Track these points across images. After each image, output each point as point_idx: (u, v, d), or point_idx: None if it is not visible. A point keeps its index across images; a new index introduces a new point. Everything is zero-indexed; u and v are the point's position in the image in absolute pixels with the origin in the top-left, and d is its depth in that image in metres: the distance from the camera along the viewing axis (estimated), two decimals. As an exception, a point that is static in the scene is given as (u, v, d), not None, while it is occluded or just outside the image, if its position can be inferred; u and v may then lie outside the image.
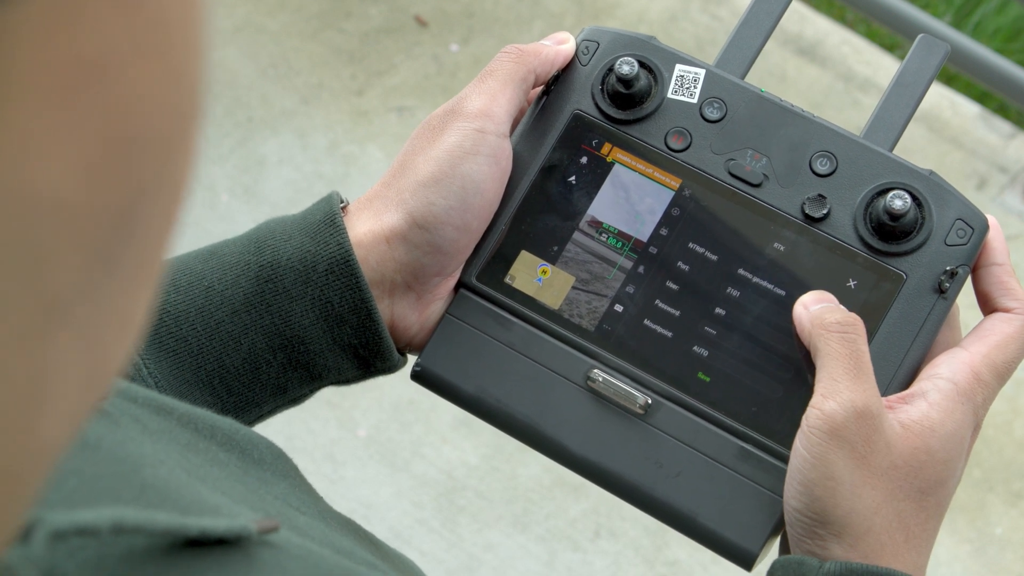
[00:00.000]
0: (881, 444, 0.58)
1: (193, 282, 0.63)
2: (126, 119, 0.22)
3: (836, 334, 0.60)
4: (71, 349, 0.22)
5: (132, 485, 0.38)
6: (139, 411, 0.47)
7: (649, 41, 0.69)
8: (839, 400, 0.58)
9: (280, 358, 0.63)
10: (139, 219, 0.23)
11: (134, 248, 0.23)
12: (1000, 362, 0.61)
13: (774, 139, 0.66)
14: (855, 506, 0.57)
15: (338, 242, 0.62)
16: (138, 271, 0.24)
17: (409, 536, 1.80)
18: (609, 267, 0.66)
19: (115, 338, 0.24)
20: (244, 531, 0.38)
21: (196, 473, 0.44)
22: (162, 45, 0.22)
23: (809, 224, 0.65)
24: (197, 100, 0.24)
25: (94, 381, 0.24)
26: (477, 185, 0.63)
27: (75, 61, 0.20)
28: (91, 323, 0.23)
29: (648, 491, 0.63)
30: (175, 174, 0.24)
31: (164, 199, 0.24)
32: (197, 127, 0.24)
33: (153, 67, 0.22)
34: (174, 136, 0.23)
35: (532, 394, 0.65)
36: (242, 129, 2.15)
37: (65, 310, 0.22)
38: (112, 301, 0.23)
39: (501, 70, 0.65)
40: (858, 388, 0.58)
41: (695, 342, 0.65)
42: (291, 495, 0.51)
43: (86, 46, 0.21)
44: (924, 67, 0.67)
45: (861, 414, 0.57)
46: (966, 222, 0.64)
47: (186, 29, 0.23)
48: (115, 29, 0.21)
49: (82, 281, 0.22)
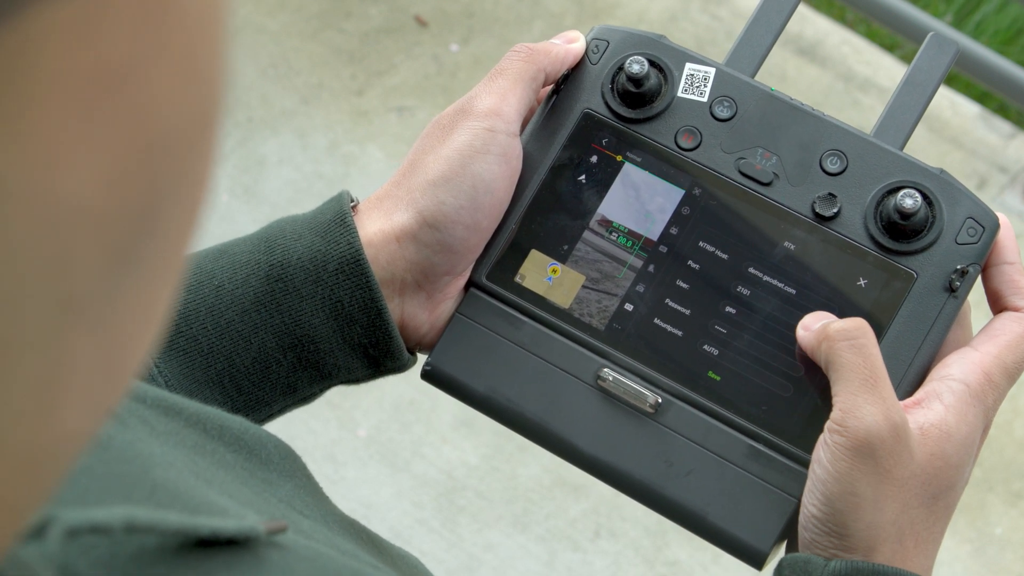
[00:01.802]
0: (905, 455, 0.57)
1: (203, 281, 0.63)
2: (149, 124, 0.22)
3: (845, 343, 0.59)
4: (89, 346, 0.22)
5: (143, 485, 0.38)
6: (147, 412, 0.47)
7: (659, 40, 0.68)
8: (861, 417, 0.57)
9: (290, 357, 0.63)
10: (160, 220, 0.23)
11: (155, 248, 0.23)
12: (1011, 362, 0.60)
13: (784, 138, 0.66)
14: (875, 519, 0.57)
15: (348, 241, 0.62)
16: (159, 270, 0.24)
17: (409, 536, 1.80)
18: (619, 266, 0.66)
19: (135, 335, 0.24)
20: (253, 532, 0.38)
21: (203, 476, 0.44)
22: (184, 49, 0.22)
23: (819, 223, 0.65)
24: (218, 102, 0.24)
25: (114, 377, 0.24)
26: (487, 184, 0.63)
27: (99, 68, 0.20)
28: (110, 321, 0.23)
29: (658, 490, 0.63)
30: (196, 174, 0.24)
31: (185, 199, 0.24)
32: (218, 128, 0.24)
33: (176, 72, 0.22)
34: (196, 138, 0.23)
35: (542, 393, 0.65)
36: (242, 129, 2.15)
37: (84, 308, 0.22)
38: (132, 300, 0.23)
39: (511, 69, 0.65)
40: (878, 401, 0.57)
41: (705, 341, 0.64)
42: (295, 497, 0.51)
43: (110, 53, 0.21)
44: (934, 66, 0.67)
45: (884, 429, 0.56)
46: (977, 221, 0.64)
47: (208, 33, 0.23)
48: (138, 35, 0.21)
49: (102, 280, 0.22)
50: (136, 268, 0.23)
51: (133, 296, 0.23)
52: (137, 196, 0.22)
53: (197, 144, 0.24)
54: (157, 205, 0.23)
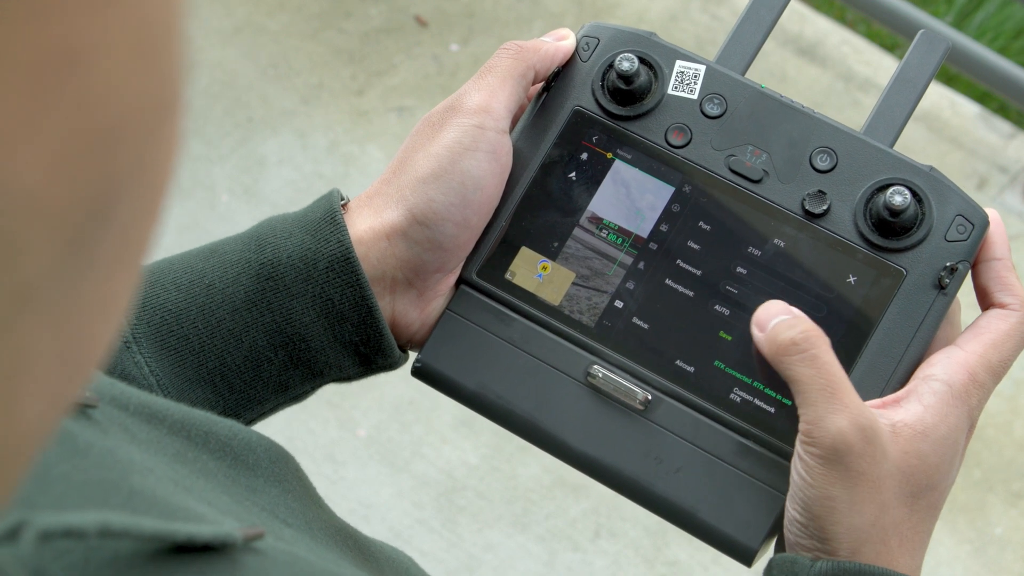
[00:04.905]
0: (877, 455, 0.57)
1: (194, 280, 0.63)
2: (100, 110, 0.21)
3: (795, 357, 0.58)
4: (47, 336, 0.22)
5: (120, 491, 0.38)
6: (129, 420, 0.47)
7: (649, 37, 0.69)
8: (826, 427, 0.56)
9: (281, 356, 0.63)
10: (117, 209, 0.23)
11: (112, 237, 0.23)
12: (996, 361, 0.60)
13: (774, 135, 0.66)
14: (853, 522, 0.57)
15: (338, 239, 0.62)
16: (117, 259, 0.24)
17: (409, 536, 1.80)
18: (609, 263, 0.66)
19: (95, 324, 0.24)
20: (229, 538, 0.38)
21: (182, 483, 0.44)
22: (139, 35, 0.22)
23: (809, 220, 0.65)
24: (177, 90, 0.24)
25: (73, 366, 0.24)
26: (477, 181, 0.63)
27: (48, 51, 0.20)
28: (66, 310, 0.23)
29: (648, 487, 0.63)
30: (156, 164, 0.24)
31: (144, 189, 0.24)
32: (178, 117, 0.24)
33: (130, 57, 0.22)
34: (153, 127, 0.23)
35: (532, 390, 0.65)
36: (242, 129, 2.15)
37: (39, 298, 0.22)
38: (90, 289, 0.23)
39: (500, 66, 0.65)
40: (840, 408, 0.56)
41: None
42: (280, 504, 0.51)
43: (59, 35, 0.20)
44: (925, 63, 0.67)
45: (850, 434, 0.56)
46: (966, 218, 0.63)
47: (165, 18, 0.23)
48: (90, 19, 0.21)
49: (56, 269, 0.22)
50: (94, 257, 0.23)
51: (92, 286, 0.23)
52: (90, 183, 0.22)
53: (155, 131, 0.23)
54: (113, 193, 0.22)
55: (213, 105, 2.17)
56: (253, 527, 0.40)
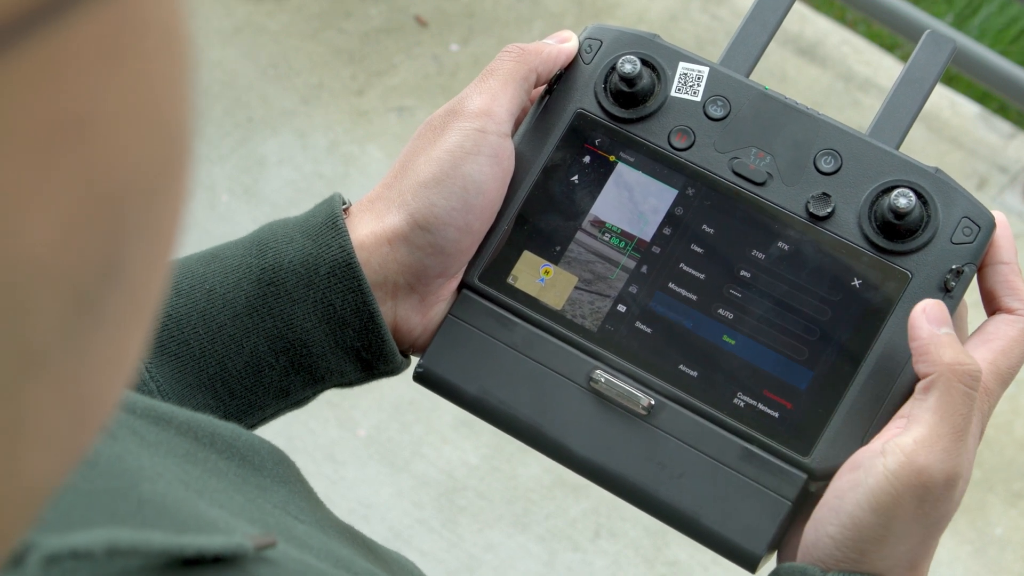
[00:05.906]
0: (947, 501, 0.56)
1: (195, 285, 0.63)
2: (109, 175, 0.21)
3: (963, 387, 0.56)
4: (53, 396, 0.22)
5: (129, 501, 0.38)
6: (137, 422, 0.47)
7: (652, 39, 0.68)
8: (931, 459, 0.55)
9: (282, 361, 0.63)
10: (124, 269, 0.23)
11: (120, 297, 0.23)
12: (1005, 368, 0.60)
13: (778, 137, 0.66)
14: (894, 552, 0.56)
15: (340, 244, 0.62)
16: (126, 316, 0.24)
17: (409, 536, 1.80)
18: (612, 267, 0.66)
19: (103, 381, 0.24)
20: (240, 549, 0.37)
21: (194, 485, 0.44)
22: (146, 99, 0.22)
23: (813, 223, 0.64)
24: (184, 149, 0.24)
25: (81, 425, 0.24)
26: (479, 185, 0.63)
27: (58, 119, 0.20)
28: (74, 369, 0.22)
29: (651, 492, 0.63)
30: (163, 221, 0.24)
31: (151, 247, 0.24)
32: (186, 174, 0.24)
33: (137, 121, 0.22)
34: (159, 187, 0.23)
35: (534, 395, 0.64)
36: (242, 129, 2.15)
37: (45, 360, 0.21)
38: (98, 347, 0.23)
39: (502, 69, 0.65)
40: (957, 453, 0.56)
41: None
42: (290, 502, 0.51)
43: (69, 104, 0.20)
44: (931, 63, 0.66)
45: (950, 481, 0.56)
46: (972, 220, 0.63)
47: (171, 82, 0.23)
48: (98, 86, 0.21)
49: (63, 331, 0.22)
50: (101, 317, 0.22)
51: (100, 344, 0.23)
52: (97, 246, 0.22)
53: (161, 193, 0.23)
54: (119, 255, 0.22)
55: (213, 105, 2.16)
56: (265, 535, 0.40)
